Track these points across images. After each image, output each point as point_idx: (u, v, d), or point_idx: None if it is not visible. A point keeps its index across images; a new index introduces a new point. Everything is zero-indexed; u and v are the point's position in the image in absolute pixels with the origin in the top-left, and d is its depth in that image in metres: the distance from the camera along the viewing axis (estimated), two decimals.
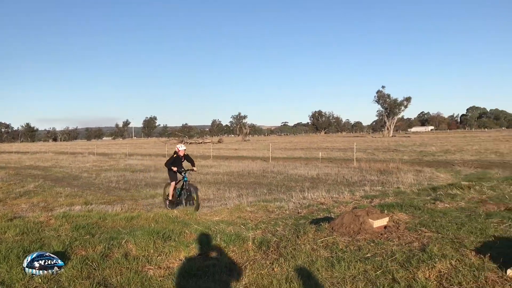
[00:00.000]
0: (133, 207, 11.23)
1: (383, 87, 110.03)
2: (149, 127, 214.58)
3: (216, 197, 12.83)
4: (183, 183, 11.25)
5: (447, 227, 6.45)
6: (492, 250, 5.09)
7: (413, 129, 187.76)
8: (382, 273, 4.64)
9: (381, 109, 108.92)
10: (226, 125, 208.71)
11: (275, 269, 5.02)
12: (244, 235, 6.65)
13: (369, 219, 6.58)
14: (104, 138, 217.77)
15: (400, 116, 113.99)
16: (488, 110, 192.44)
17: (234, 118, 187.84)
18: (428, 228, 6.47)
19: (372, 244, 5.80)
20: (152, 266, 5.37)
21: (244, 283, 4.74)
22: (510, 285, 4.18)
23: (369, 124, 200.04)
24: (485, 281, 4.28)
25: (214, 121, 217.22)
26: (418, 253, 5.20)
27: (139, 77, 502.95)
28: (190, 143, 76.27)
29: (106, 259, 5.51)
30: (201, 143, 77.21)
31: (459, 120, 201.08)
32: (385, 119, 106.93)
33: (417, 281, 4.31)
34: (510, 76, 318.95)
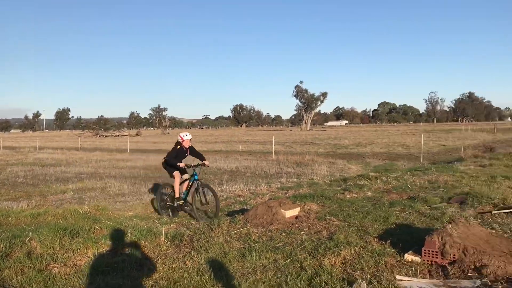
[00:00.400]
0: (41, 203, 10.60)
1: (301, 82, 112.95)
2: (62, 119, 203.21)
3: (132, 192, 12.47)
4: (193, 184, 8.84)
5: (354, 216, 6.81)
6: (393, 237, 5.45)
7: (329, 123, 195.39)
8: (291, 262, 4.79)
9: (300, 103, 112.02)
10: (145, 117, 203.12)
11: (187, 263, 5.00)
12: (157, 229, 6.54)
13: (282, 210, 6.77)
14: (12, 131, 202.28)
15: (317, 110, 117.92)
16: (398, 106, 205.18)
17: (153, 110, 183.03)
18: (336, 217, 6.78)
19: (283, 234, 5.97)
20: (57, 264, 5.13)
21: (154, 278, 4.68)
22: (406, 268, 4.49)
23: (289, 118, 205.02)
24: (385, 265, 4.57)
25: (132, 113, 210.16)
26: (326, 241, 5.43)
27: (52, 67, 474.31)
28: (106, 136, 73.47)
29: (7, 259, 5.18)
30: (118, 136, 74.54)
31: (371, 115, 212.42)
32: (303, 113, 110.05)
33: (323, 268, 4.50)
34: (416, 74, 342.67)
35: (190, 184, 8.92)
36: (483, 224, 6.04)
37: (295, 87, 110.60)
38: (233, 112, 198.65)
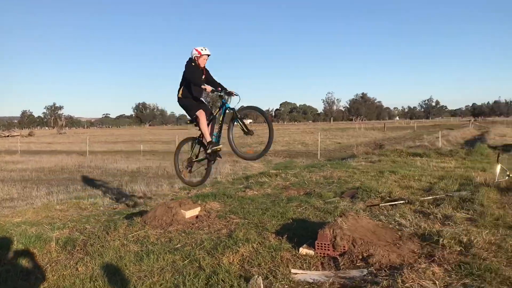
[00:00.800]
0: None
1: None
2: None
3: (22, 196, 11.57)
4: (225, 116, 6.73)
5: (254, 213, 6.95)
6: (290, 232, 5.65)
7: None
8: (190, 262, 4.77)
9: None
10: (39, 116, 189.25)
11: (79, 269, 4.75)
12: (47, 235, 6.12)
13: (182, 210, 6.71)
14: None
15: None
16: (298, 106, 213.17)
17: (48, 109, 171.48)
18: (236, 215, 6.88)
19: (183, 234, 5.92)
20: None
21: (43, 287, 4.39)
22: (301, 261, 4.69)
23: None
24: (281, 260, 4.73)
25: (24, 112, 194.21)
26: (225, 239, 5.48)
27: None
28: None
29: None
30: (8, 136, 68.69)
31: (273, 114, 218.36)
32: None
33: (221, 266, 4.54)
34: (315, 75, 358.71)
35: (221, 118, 6.82)
36: (371, 216, 6.49)
37: None
38: (136, 111, 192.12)
